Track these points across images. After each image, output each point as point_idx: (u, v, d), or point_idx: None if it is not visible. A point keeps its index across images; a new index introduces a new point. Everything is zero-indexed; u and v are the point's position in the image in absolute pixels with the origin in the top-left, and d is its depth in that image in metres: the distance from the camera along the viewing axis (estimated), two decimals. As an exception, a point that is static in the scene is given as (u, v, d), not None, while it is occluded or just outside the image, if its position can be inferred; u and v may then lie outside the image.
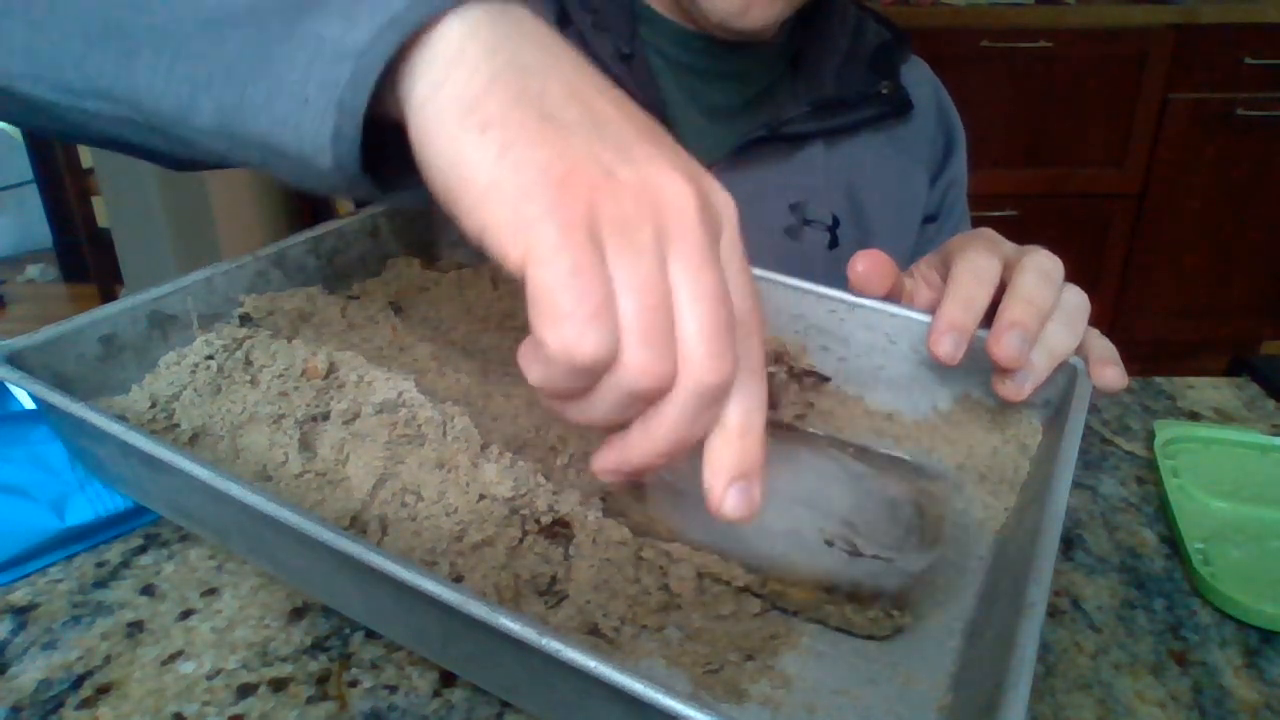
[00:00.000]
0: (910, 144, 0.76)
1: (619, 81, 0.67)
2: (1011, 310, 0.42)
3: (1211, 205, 2.16)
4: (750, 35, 0.64)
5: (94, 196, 2.37)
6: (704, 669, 0.34)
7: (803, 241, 0.72)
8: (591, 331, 0.24)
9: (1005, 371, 0.43)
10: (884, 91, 0.72)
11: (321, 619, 0.39)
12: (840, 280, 0.59)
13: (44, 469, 0.43)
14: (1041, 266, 0.44)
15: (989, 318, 0.43)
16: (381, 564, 0.29)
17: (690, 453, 0.29)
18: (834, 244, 0.73)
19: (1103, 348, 0.45)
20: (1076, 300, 0.44)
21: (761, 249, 0.56)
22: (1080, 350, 0.44)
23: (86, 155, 2.39)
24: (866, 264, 0.48)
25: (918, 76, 0.78)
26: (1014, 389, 0.42)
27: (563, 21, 0.68)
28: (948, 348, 0.42)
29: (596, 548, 0.37)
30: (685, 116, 0.71)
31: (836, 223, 0.73)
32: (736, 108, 0.71)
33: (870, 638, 0.36)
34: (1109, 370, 0.44)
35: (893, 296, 0.50)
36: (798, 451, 0.40)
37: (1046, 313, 0.43)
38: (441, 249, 0.60)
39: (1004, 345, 0.41)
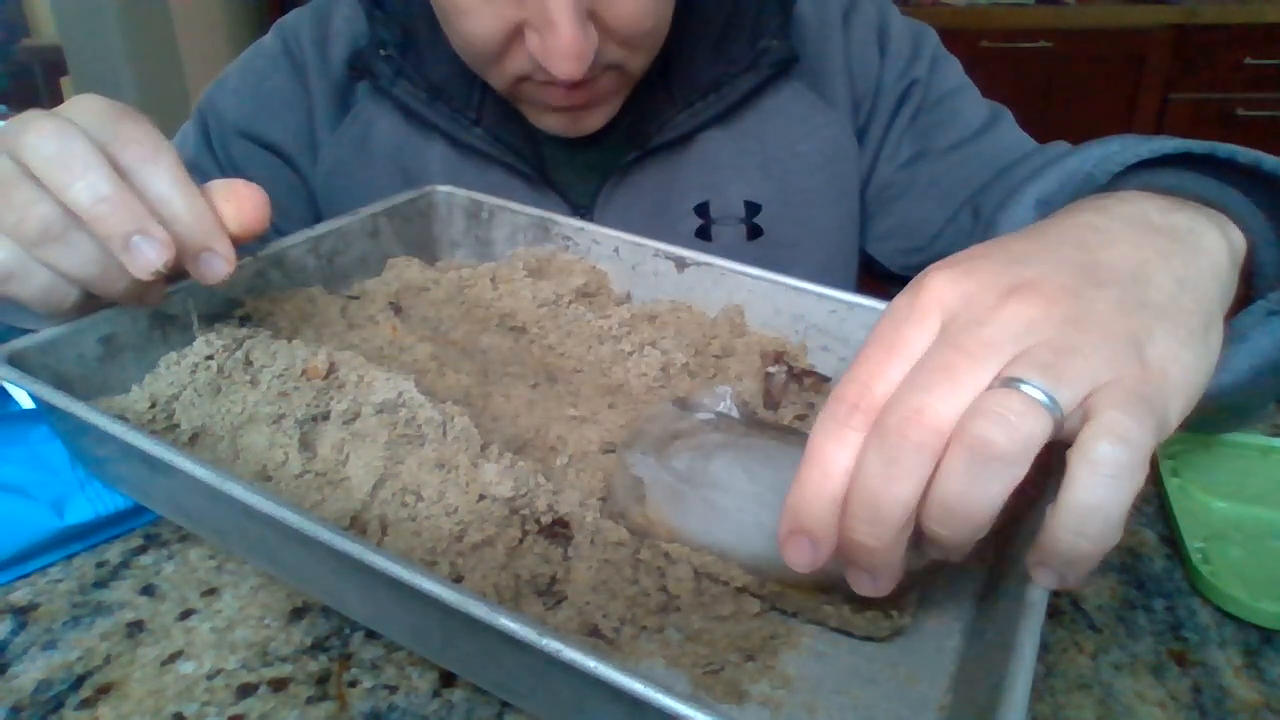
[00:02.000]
0: (819, 84, 0.68)
1: (471, 146, 0.65)
2: (1060, 543, 0.27)
3: (1211, 205, 2.16)
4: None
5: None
6: (704, 669, 0.34)
7: (717, 242, 0.68)
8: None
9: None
10: (767, 49, 0.65)
11: (321, 619, 0.39)
12: (768, 270, 0.52)
13: (44, 469, 0.43)
14: (1121, 437, 0.26)
15: None
16: (381, 564, 0.29)
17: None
18: (756, 234, 0.68)
19: (1068, 514, 0.27)
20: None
21: None
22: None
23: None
24: None
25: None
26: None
27: (406, 110, 0.66)
28: (801, 560, 0.30)
29: (595, 549, 0.37)
30: (561, 152, 0.67)
31: (755, 210, 0.68)
32: (611, 129, 0.65)
33: (869, 638, 0.36)
34: (1041, 572, 0.29)
35: None
36: (798, 454, 0.40)
37: (1115, 532, 0.27)
38: (441, 249, 0.60)
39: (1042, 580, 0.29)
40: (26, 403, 0.48)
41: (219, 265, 0.40)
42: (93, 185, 0.36)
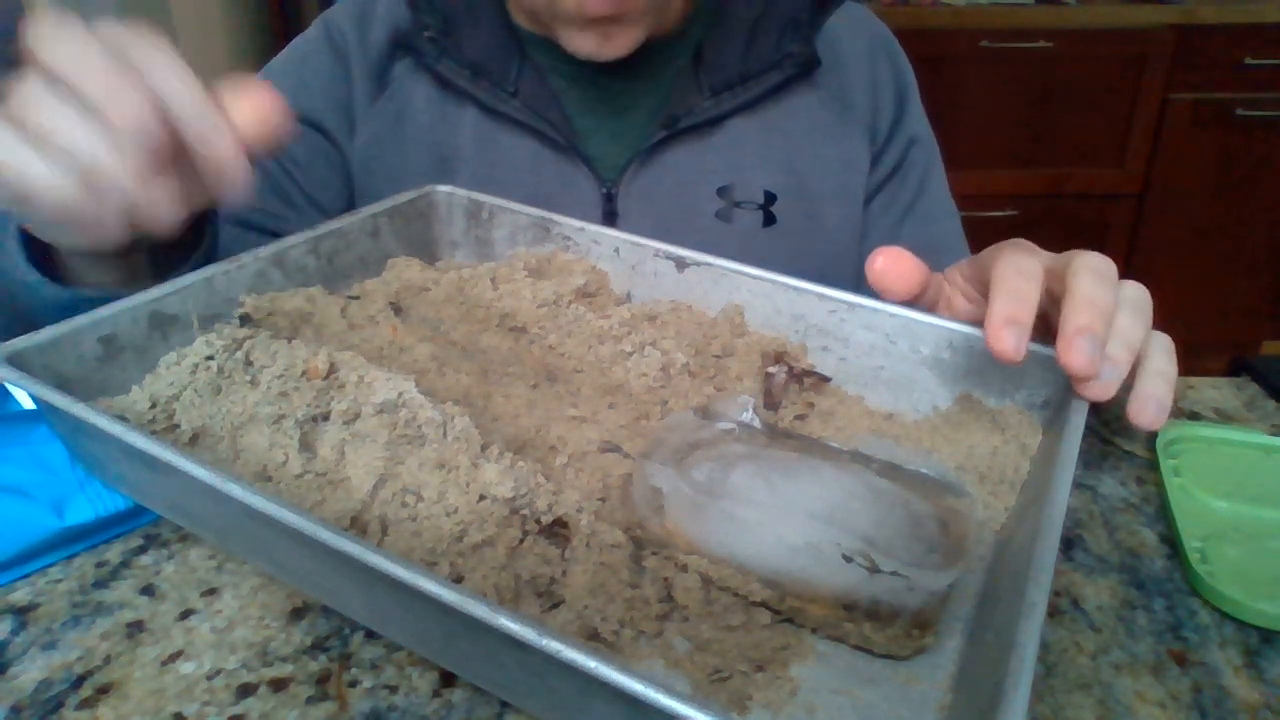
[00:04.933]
0: (844, 100, 0.74)
1: (509, 118, 0.69)
2: (1076, 316, 0.40)
3: (1211, 205, 2.16)
4: (621, 57, 0.65)
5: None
6: (711, 677, 0.34)
7: (734, 224, 0.72)
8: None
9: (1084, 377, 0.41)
10: (792, 53, 0.70)
11: (321, 619, 0.39)
12: (777, 257, 0.57)
13: (44, 469, 0.43)
14: (1095, 267, 0.42)
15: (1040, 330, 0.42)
16: (381, 564, 0.29)
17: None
18: (770, 221, 0.72)
19: (1155, 372, 0.43)
20: (1136, 294, 0.43)
21: (694, 238, 0.56)
22: (1138, 360, 0.42)
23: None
24: (885, 261, 0.46)
25: (854, 26, 0.75)
26: (1100, 389, 0.40)
27: (443, 84, 0.70)
28: (1010, 342, 0.40)
29: (590, 551, 0.36)
30: (592, 126, 0.71)
31: (771, 199, 0.72)
32: (642, 108, 0.71)
33: (890, 656, 0.36)
34: (1149, 408, 0.42)
35: (921, 302, 0.48)
36: (820, 466, 0.40)
37: (1111, 312, 0.41)
38: (441, 249, 0.60)
39: (1076, 352, 0.39)
40: (27, 403, 0.48)
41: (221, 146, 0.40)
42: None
